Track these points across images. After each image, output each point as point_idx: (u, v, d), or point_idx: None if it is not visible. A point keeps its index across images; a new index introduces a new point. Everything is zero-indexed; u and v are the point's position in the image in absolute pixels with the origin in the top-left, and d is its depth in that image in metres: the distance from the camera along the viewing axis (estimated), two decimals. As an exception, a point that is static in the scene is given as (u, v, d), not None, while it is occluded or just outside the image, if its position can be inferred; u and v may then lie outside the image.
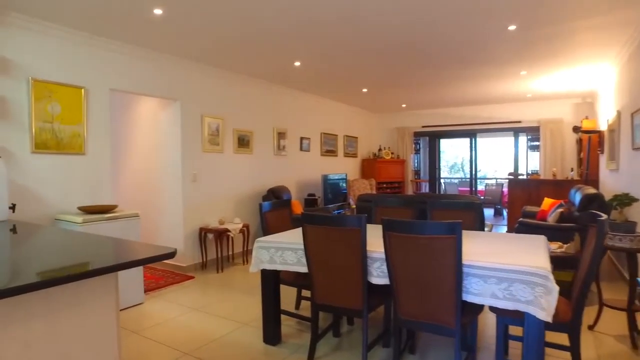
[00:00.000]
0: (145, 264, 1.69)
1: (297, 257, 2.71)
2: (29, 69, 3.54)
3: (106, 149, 4.13)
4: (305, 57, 4.87)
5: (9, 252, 1.97)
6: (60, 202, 3.76)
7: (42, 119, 3.59)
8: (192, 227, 5.09)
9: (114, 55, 4.19)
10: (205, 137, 5.23)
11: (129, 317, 3.54)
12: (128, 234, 3.69)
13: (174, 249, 1.81)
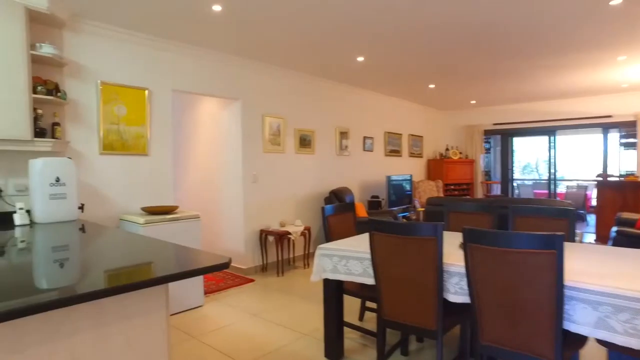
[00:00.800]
0: (197, 275, 1.53)
1: (363, 267, 2.46)
2: (98, 73, 3.62)
3: (168, 149, 4.15)
4: (368, 51, 4.60)
5: (78, 254, 1.92)
6: (125, 202, 3.82)
7: (109, 120, 3.66)
8: (252, 228, 5.02)
9: (176, 56, 4.20)
10: (266, 137, 5.14)
11: (189, 320, 3.49)
12: (189, 235, 3.65)
13: (228, 259, 1.64)
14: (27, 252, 2.02)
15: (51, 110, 3.33)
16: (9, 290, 1.27)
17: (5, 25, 2.84)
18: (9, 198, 3.15)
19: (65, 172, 3.05)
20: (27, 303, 1.15)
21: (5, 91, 2.85)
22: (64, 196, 3.03)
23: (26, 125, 2.94)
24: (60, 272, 1.54)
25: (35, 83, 3.09)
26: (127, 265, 1.62)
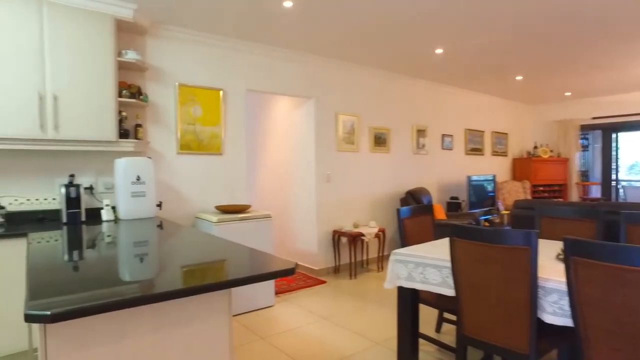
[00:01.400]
0: (263, 281, 1.44)
1: (441, 276, 2.23)
2: (176, 76, 3.75)
3: (242, 149, 4.20)
4: (448, 42, 4.28)
5: (155, 251, 1.95)
6: (200, 200, 3.92)
7: (185, 121, 3.78)
8: (325, 229, 4.93)
9: (249, 56, 4.24)
10: (340, 136, 5.02)
11: (258, 320, 3.47)
12: (260, 234, 3.65)
13: (294, 264, 1.53)
14: (112, 246, 2.14)
15: (134, 113, 3.51)
16: (98, 280, 1.39)
17: (98, 36, 3.03)
18: (98, 195, 3.37)
19: (145, 171, 3.18)
20: (99, 300, 1.15)
21: (96, 97, 3.03)
22: (143, 194, 3.17)
23: (112, 127, 3.11)
24: (140, 267, 1.62)
25: (120, 87, 3.27)
26: (196, 267, 1.58)
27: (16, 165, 3.06)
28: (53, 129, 2.87)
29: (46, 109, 2.85)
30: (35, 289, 1.30)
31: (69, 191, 2.95)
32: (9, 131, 2.73)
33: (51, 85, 2.87)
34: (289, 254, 5.32)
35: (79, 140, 2.98)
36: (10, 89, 2.74)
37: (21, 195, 3.08)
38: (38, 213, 3.11)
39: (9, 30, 2.73)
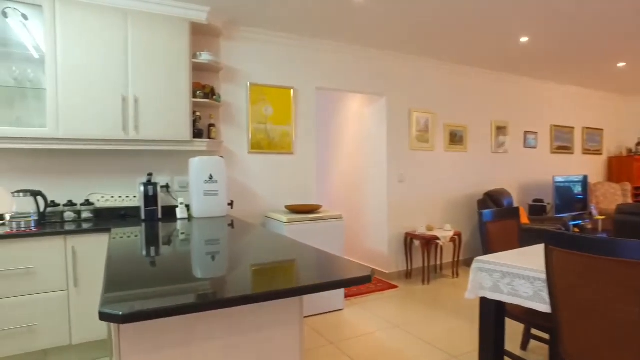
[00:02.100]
0: (338, 288, 1.32)
1: (534, 289, 1.96)
2: (248, 75, 3.78)
3: (312, 148, 4.14)
4: (535, 29, 3.88)
5: (226, 250, 1.93)
6: (271, 200, 3.92)
7: (257, 120, 3.80)
8: (397, 231, 4.72)
9: (319, 54, 4.16)
10: (413, 134, 4.79)
11: (328, 324, 3.37)
12: (331, 235, 3.55)
13: (370, 271, 1.40)
14: (186, 243, 2.17)
15: (207, 113, 3.59)
16: (171, 277, 1.41)
17: (174, 39, 3.13)
18: (174, 193, 3.48)
19: (217, 170, 3.22)
20: (172, 301, 1.11)
21: (173, 98, 3.13)
22: (216, 193, 3.21)
23: (187, 127, 3.19)
24: (212, 265, 1.62)
25: (195, 88, 3.34)
26: (269, 269, 1.51)
27: (103, 164, 3.25)
28: (134, 130, 3.00)
29: (128, 111, 2.99)
30: (111, 282, 1.33)
31: (147, 189, 3.07)
32: (97, 132, 2.90)
33: (133, 88, 3.00)
34: (358, 255, 5.19)
35: (157, 140, 3.09)
36: (100, 94, 2.91)
37: (107, 193, 3.26)
38: (121, 210, 3.28)
39: (100, 39, 2.90)
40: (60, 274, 2.63)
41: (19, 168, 3.02)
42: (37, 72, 2.93)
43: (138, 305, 1.09)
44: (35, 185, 3.06)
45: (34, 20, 2.88)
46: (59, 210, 3.02)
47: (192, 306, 1.12)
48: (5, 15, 2.80)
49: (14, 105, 2.95)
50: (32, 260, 2.56)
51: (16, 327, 2.54)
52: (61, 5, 2.81)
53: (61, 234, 2.62)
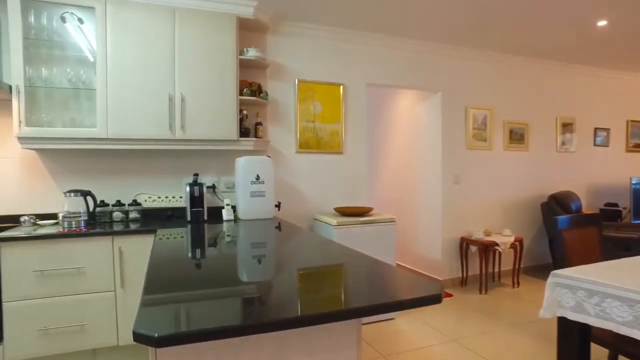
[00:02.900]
0: (403, 309, 1.12)
1: (633, 313, 1.66)
2: (295, 71, 3.65)
3: (362, 147, 3.94)
4: (615, 11, 3.45)
5: (273, 254, 1.79)
6: (319, 201, 3.76)
7: (305, 118, 3.65)
8: (451, 235, 4.42)
9: (370, 48, 3.95)
10: (470, 132, 4.46)
11: (379, 334, 3.16)
12: (383, 240, 3.34)
13: (439, 289, 1.18)
14: (232, 245, 2.10)
15: (254, 111, 3.49)
16: (218, 279, 1.39)
17: (221, 36, 3.04)
18: (220, 194, 3.40)
19: (264, 170, 3.10)
20: (213, 322, 0.97)
21: (219, 96, 3.05)
22: (262, 194, 3.09)
23: (233, 125, 3.09)
24: (258, 268, 1.57)
25: (241, 86, 3.25)
26: (320, 282, 1.34)
27: (150, 164, 3.23)
28: (180, 129, 2.95)
29: (174, 110, 2.94)
30: (151, 289, 1.27)
31: (193, 190, 3.00)
32: (143, 132, 2.87)
33: (179, 86, 2.95)
34: (409, 261, 4.92)
35: (203, 139, 3.02)
36: (147, 93, 2.88)
37: (154, 193, 3.24)
38: (167, 210, 3.24)
39: (147, 38, 2.87)
40: (108, 275, 2.61)
41: (71, 168, 3.06)
42: (89, 74, 2.94)
43: (176, 326, 0.95)
44: (86, 185, 3.08)
45: (88, 24, 2.89)
46: (107, 210, 3.03)
47: (236, 329, 0.96)
48: (63, 20, 2.84)
49: (68, 107, 2.98)
50: (82, 260, 2.55)
51: (69, 325, 2.54)
52: (111, 6, 2.80)
53: (108, 235, 2.60)
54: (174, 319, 1.00)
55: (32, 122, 2.78)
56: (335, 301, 1.13)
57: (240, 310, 1.07)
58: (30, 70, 2.79)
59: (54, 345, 2.53)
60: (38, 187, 3.00)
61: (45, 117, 2.89)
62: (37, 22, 2.83)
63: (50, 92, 2.93)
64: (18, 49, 2.66)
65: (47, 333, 2.51)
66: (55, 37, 2.88)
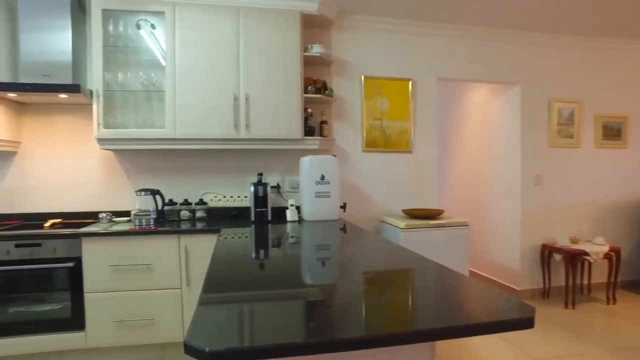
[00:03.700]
0: (488, 333, 0.95)
1: None
2: (361, 67, 3.52)
3: (433, 146, 3.70)
4: None
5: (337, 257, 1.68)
6: (386, 203, 3.59)
7: (372, 116, 3.50)
8: (531, 242, 4.02)
9: (442, 40, 3.70)
10: (554, 128, 4.03)
11: (452, 350, 2.92)
12: (455, 245, 3.10)
13: (531, 312, 0.99)
14: (296, 246, 2.05)
15: (319, 109, 3.40)
16: (280, 281, 1.36)
17: (284, 33, 3.00)
18: (284, 194, 3.36)
19: (329, 170, 3.00)
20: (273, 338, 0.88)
21: (283, 94, 3.00)
22: (328, 195, 2.99)
23: (298, 124, 3.03)
24: (321, 271, 1.52)
25: (306, 83, 3.17)
26: (388, 293, 1.19)
27: (216, 164, 3.27)
28: (245, 129, 2.94)
29: (239, 110, 2.93)
30: (211, 284, 1.30)
31: (257, 190, 2.98)
32: (209, 132, 2.91)
33: (244, 86, 2.94)
34: (482, 268, 4.57)
35: (267, 139, 2.99)
36: (212, 93, 2.91)
37: (219, 193, 3.27)
38: (232, 210, 3.26)
39: (213, 39, 2.90)
40: (175, 272, 2.65)
41: (144, 167, 3.18)
42: (160, 76, 3.03)
43: (229, 339, 0.86)
44: (156, 184, 3.19)
45: (159, 28, 2.99)
46: (175, 209, 3.10)
47: (295, 348, 0.85)
48: (138, 27, 2.96)
49: (140, 108, 3.10)
50: (151, 257, 2.62)
51: (139, 319, 2.62)
52: (179, 9, 2.86)
53: (175, 233, 2.65)
54: (228, 329, 0.92)
55: (109, 124, 2.92)
56: (406, 318, 0.98)
57: (301, 322, 0.96)
58: (108, 75, 2.93)
59: (127, 336, 2.62)
60: (114, 186, 3.15)
61: (121, 119, 3.03)
62: (115, 30, 2.98)
63: (125, 95, 3.06)
64: (98, 56, 2.81)
65: (121, 324, 2.61)
66: (130, 43, 3.01)
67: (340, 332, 0.90)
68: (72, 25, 2.81)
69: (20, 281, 2.52)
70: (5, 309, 2.50)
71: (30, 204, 3.07)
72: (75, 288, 2.57)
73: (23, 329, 2.53)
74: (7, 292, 2.51)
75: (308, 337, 0.87)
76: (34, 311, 2.53)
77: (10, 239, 2.51)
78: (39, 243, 2.53)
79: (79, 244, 2.56)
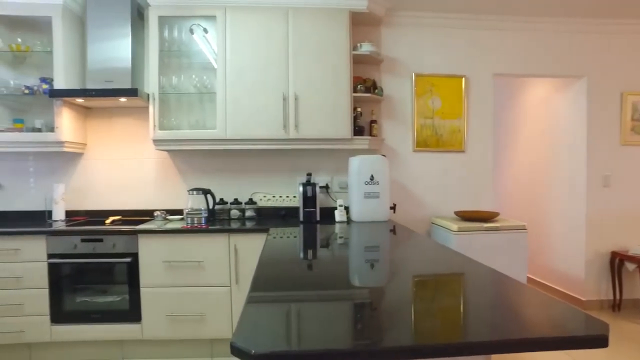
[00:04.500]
0: (548, 350, 0.86)
1: None
2: (412, 65, 3.42)
3: (487, 145, 3.52)
4: None
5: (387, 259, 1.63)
6: (437, 204, 3.46)
7: (423, 115, 3.39)
8: (598, 248, 3.71)
9: (499, 34, 3.51)
10: (627, 124, 3.70)
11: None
12: (512, 251, 2.92)
13: (604, 329, 0.89)
14: (344, 247, 2.03)
15: (369, 108, 3.34)
16: (328, 281, 1.35)
17: (333, 32, 2.97)
18: (333, 194, 3.33)
19: (379, 170, 2.94)
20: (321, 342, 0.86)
21: (332, 94, 2.97)
22: (377, 195, 2.93)
23: (347, 124, 2.99)
24: (370, 273, 1.49)
25: (355, 82, 3.13)
26: (440, 298, 1.13)
27: (265, 164, 3.30)
28: (294, 129, 2.94)
29: (288, 110, 2.94)
30: (259, 282, 1.32)
31: (306, 190, 2.97)
32: (258, 132, 2.94)
33: (293, 86, 2.95)
34: (541, 273, 4.29)
35: (316, 139, 2.98)
36: (262, 94, 2.94)
37: (269, 192, 3.31)
38: (281, 209, 3.28)
39: (262, 40, 2.94)
40: (224, 271, 2.70)
41: (196, 167, 3.28)
42: (211, 78, 3.11)
43: (276, 341, 0.84)
44: (207, 183, 3.28)
45: (211, 32, 3.08)
46: (226, 208, 3.17)
47: (342, 354, 0.81)
48: (192, 32, 3.06)
49: (193, 110, 3.20)
50: (201, 255, 2.69)
51: (190, 314, 2.70)
52: (230, 12, 2.92)
53: (225, 232, 2.70)
54: (274, 331, 0.90)
55: (164, 125, 3.03)
56: (458, 327, 0.91)
57: (347, 326, 0.92)
58: (163, 79, 3.05)
59: (179, 330, 2.71)
60: (168, 185, 3.27)
61: (175, 120, 3.14)
62: (170, 35, 3.09)
63: (178, 97, 3.17)
64: (155, 61, 2.93)
65: (173, 319, 2.70)
66: (183, 48, 3.12)
67: (388, 338, 0.85)
68: (131, 33, 2.95)
69: (85, 273, 2.69)
70: (73, 298, 2.68)
71: (93, 202, 3.26)
72: (132, 282, 2.69)
73: (88, 317, 2.69)
74: (74, 282, 2.68)
75: (355, 343, 0.83)
76: (97, 302, 2.69)
77: (77, 234, 2.68)
78: (101, 239, 2.68)
79: (135, 241, 2.68)
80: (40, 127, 3.01)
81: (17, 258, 2.66)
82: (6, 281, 2.66)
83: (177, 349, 2.78)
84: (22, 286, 2.66)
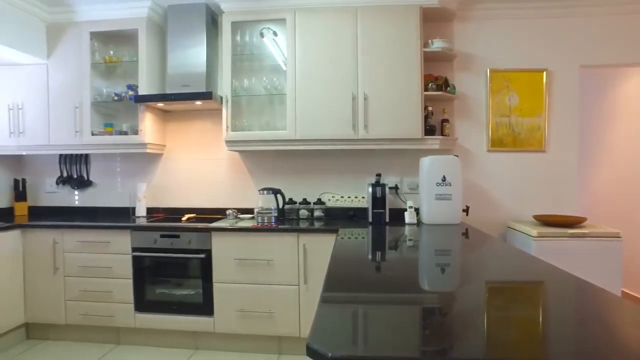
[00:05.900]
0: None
1: None
2: (487, 60, 3.24)
3: (571, 144, 3.23)
4: None
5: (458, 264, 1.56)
6: (514, 207, 3.24)
7: (499, 112, 3.20)
8: None
9: (584, 21, 3.20)
10: None
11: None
12: (602, 260, 2.66)
13: None
14: (414, 250, 1.98)
15: (440, 107, 3.22)
16: (398, 284, 1.33)
17: (403, 29, 2.91)
18: (402, 196, 3.25)
19: (451, 171, 2.82)
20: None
21: (402, 93, 2.91)
22: (449, 197, 2.81)
23: (418, 123, 2.90)
24: (440, 278, 1.44)
25: (426, 80, 3.03)
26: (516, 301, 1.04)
27: (334, 164, 3.30)
28: (363, 129, 2.91)
29: (358, 110, 2.92)
30: (332, 282, 1.32)
31: (375, 190, 2.92)
32: (327, 133, 2.94)
33: (362, 85, 2.92)
34: (637, 287, 3.86)
35: (386, 139, 2.92)
36: (331, 94, 2.94)
37: (337, 193, 3.30)
38: (349, 210, 3.25)
39: (331, 40, 2.94)
40: (293, 270, 2.73)
41: (266, 167, 3.36)
42: (281, 80, 3.17)
43: (351, 345, 0.82)
44: (277, 183, 3.34)
45: (280, 35, 3.14)
46: (295, 208, 3.21)
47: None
48: (262, 35, 3.14)
49: (263, 112, 3.28)
50: (271, 253, 2.74)
51: (259, 311, 2.76)
52: (300, 14, 2.95)
53: (294, 231, 2.73)
54: (349, 334, 0.89)
55: (236, 127, 3.14)
56: (536, 340, 0.83)
57: (420, 332, 0.88)
58: (235, 82, 3.16)
59: (248, 326, 2.79)
60: (240, 184, 3.39)
61: (246, 122, 3.24)
62: (242, 40, 3.20)
63: (250, 99, 3.27)
64: (228, 65, 3.05)
65: (243, 314, 2.78)
66: (255, 51, 3.21)
67: (459, 349, 0.80)
68: (206, 39, 3.10)
69: (164, 267, 2.86)
70: (154, 289, 2.86)
71: (171, 200, 3.46)
72: (205, 277, 2.81)
73: (165, 308, 2.86)
74: (154, 275, 2.86)
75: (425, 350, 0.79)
76: (174, 294, 2.85)
77: (157, 230, 2.86)
78: (178, 235, 2.83)
79: (209, 238, 2.80)
80: (126, 130, 3.25)
81: (108, 250, 2.90)
82: (100, 270, 2.91)
83: (246, 344, 2.86)
84: (111, 275, 2.90)
